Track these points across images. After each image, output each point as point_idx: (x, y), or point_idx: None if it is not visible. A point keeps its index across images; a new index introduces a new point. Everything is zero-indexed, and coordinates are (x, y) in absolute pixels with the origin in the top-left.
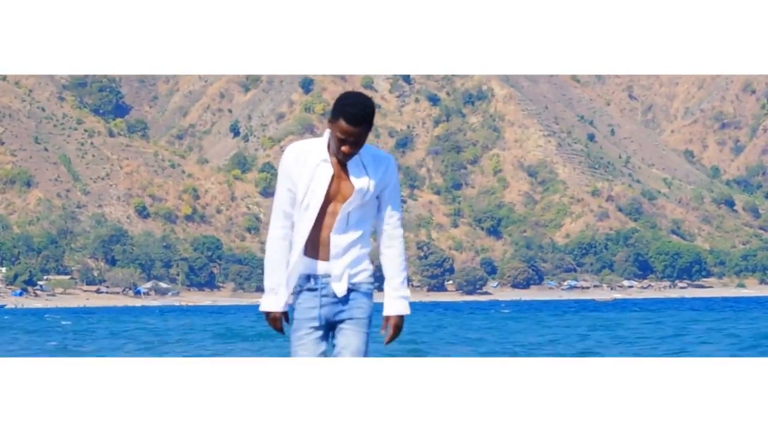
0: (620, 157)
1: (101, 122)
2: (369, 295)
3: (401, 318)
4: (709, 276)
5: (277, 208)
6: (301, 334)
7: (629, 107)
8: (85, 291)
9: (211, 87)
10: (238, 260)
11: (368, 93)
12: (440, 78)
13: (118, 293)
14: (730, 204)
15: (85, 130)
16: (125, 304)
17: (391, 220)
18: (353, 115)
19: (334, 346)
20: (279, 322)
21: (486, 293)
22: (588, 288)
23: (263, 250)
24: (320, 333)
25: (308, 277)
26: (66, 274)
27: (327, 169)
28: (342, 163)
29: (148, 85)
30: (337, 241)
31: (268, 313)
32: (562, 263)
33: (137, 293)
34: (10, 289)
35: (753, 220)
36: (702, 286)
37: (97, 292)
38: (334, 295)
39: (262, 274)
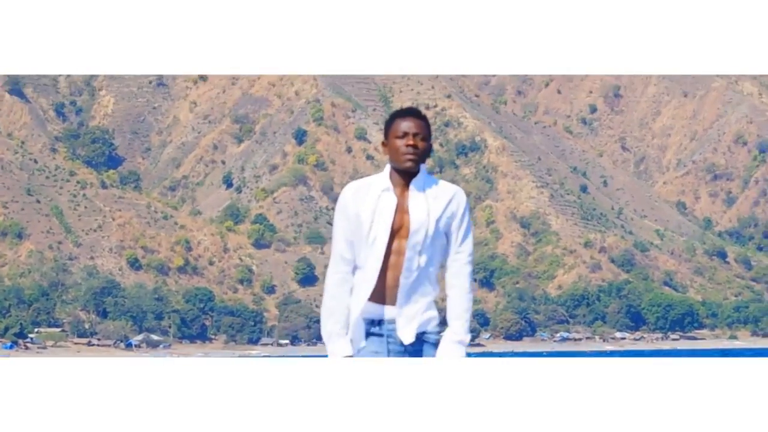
0: (613, 209)
1: (94, 174)
2: (437, 345)
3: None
4: (702, 328)
5: (335, 253)
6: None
7: (622, 159)
8: (76, 344)
9: (204, 138)
10: (230, 312)
11: (361, 143)
12: (434, 129)
13: (109, 346)
14: (723, 256)
15: (78, 182)
16: (117, 356)
17: (459, 256)
18: (408, 110)
19: None
20: None
21: (479, 345)
22: (580, 340)
23: (256, 302)
24: None
25: (372, 322)
26: (57, 326)
27: (390, 198)
28: (408, 176)
29: (141, 136)
30: (404, 284)
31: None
32: (555, 315)
33: (129, 346)
34: (0, 342)
35: (745, 271)
36: (694, 338)
37: (89, 344)
38: (401, 343)
39: (255, 325)
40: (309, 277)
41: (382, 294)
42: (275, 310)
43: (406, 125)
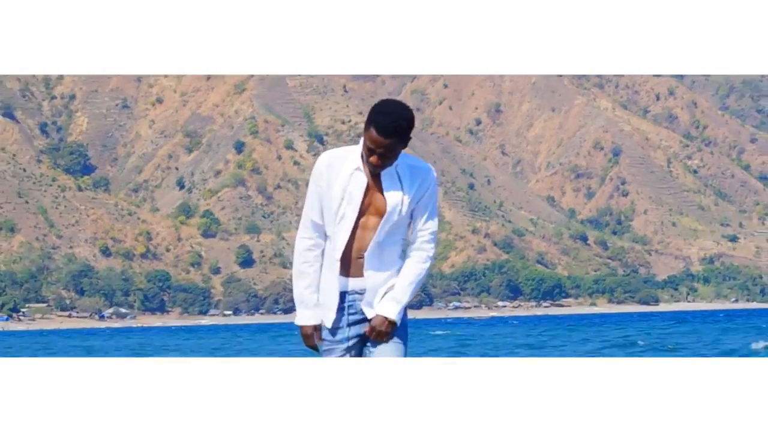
0: (495, 202)
1: (72, 180)
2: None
3: (384, 319)
4: (567, 297)
5: (306, 218)
6: (334, 358)
7: (502, 162)
8: (59, 316)
9: (161, 149)
10: (183, 289)
11: (289, 152)
12: (348, 141)
13: (86, 317)
14: (584, 239)
15: (59, 186)
16: (92, 326)
17: (422, 234)
18: (384, 125)
19: (370, 353)
20: (311, 339)
21: None
22: (469, 308)
23: (205, 281)
24: (353, 353)
25: (338, 295)
26: (44, 302)
27: (361, 179)
28: (375, 173)
29: (110, 149)
30: (369, 258)
31: (300, 328)
32: (449, 288)
33: (101, 317)
34: None
35: (603, 252)
36: (561, 305)
37: (69, 316)
38: (361, 312)
39: (204, 300)
40: (247, 261)
41: (346, 267)
42: (220, 288)
43: (376, 141)
